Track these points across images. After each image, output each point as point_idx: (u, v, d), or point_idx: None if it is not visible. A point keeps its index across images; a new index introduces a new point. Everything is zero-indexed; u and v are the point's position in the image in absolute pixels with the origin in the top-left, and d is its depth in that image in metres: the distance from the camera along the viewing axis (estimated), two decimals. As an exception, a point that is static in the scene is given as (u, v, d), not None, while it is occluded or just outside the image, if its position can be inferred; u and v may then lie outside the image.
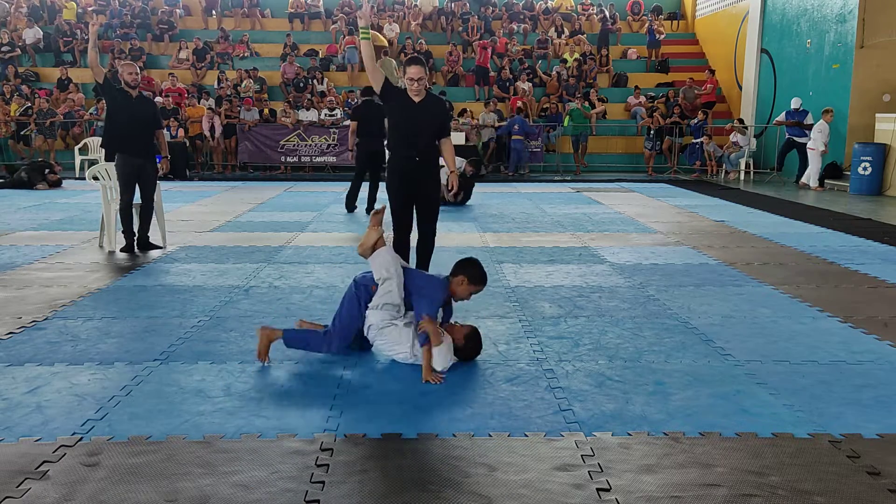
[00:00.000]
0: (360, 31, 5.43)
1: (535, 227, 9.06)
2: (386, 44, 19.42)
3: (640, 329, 4.86)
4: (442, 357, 3.98)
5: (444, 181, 7.05)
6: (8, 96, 17.24)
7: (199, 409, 3.50)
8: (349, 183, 10.58)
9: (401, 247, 5.40)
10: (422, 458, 3.03)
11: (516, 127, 16.20)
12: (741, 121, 16.38)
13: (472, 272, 4.25)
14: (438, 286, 4.23)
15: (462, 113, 17.05)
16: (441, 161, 5.59)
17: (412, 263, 5.46)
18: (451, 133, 15.76)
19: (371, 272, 4.25)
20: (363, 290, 4.24)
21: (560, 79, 18.95)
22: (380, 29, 20.43)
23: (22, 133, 16.47)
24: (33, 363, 4.13)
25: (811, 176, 13.78)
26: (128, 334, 4.67)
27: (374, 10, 21.55)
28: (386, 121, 9.49)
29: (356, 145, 10.04)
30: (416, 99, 5.30)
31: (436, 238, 5.66)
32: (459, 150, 14.35)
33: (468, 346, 4.16)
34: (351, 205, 10.36)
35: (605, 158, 17.76)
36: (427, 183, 5.45)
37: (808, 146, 13.82)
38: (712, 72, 18.77)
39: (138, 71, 7.21)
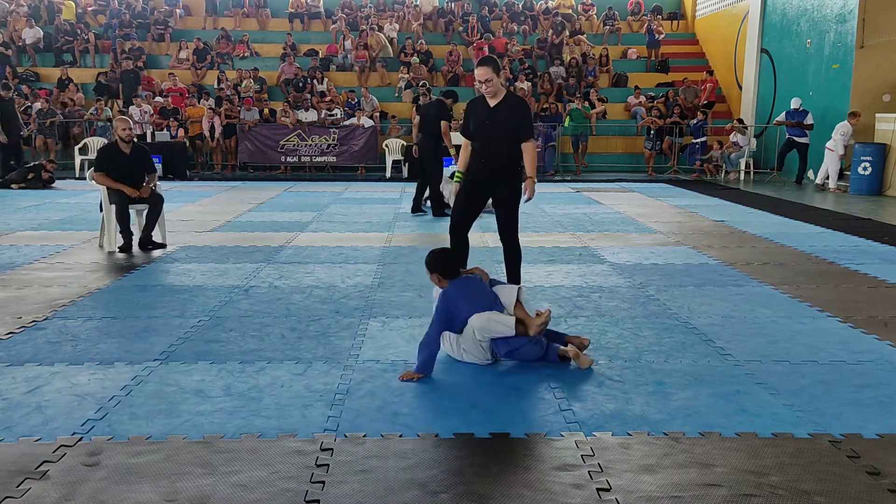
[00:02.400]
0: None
1: (535, 227, 9.06)
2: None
3: (640, 329, 4.86)
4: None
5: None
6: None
7: (199, 409, 3.50)
8: (349, 182, 10.59)
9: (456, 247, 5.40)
10: (422, 458, 3.03)
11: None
12: (741, 121, 16.38)
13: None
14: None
15: None
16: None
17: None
18: (453, 132, 15.84)
19: None
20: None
21: (552, 80, 18.95)
22: (380, 29, 20.44)
23: (22, 133, 16.46)
24: (33, 363, 4.13)
25: (831, 177, 13.60)
26: (128, 334, 4.68)
27: (374, 10, 21.58)
28: (443, 123, 9.79)
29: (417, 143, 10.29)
30: (492, 102, 5.17)
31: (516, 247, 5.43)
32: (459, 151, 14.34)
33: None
34: (417, 206, 10.29)
35: (605, 158, 17.75)
36: (499, 187, 5.25)
37: (826, 146, 13.57)
38: (710, 72, 18.77)
39: (131, 126, 7.46)
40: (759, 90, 17.66)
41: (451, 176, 10.89)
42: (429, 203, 10.44)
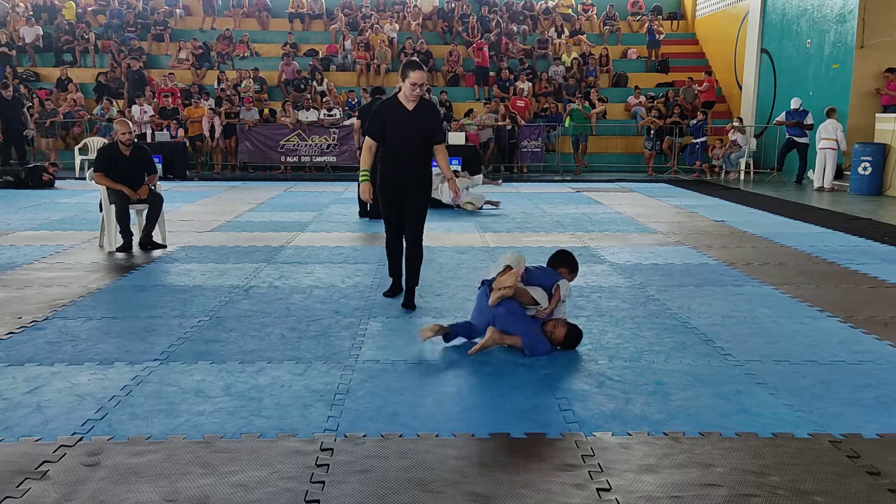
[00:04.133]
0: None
1: (535, 227, 9.06)
2: None
3: (640, 329, 4.86)
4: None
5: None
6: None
7: (199, 409, 3.50)
8: (349, 183, 10.56)
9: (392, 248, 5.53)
10: (422, 458, 3.03)
11: None
12: (740, 119, 16.39)
13: (573, 264, 4.78)
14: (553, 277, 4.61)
15: (468, 113, 17.06)
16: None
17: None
18: (452, 132, 15.76)
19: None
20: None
21: (551, 79, 18.96)
22: (380, 29, 20.44)
23: (25, 133, 16.46)
24: (33, 363, 4.13)
25: (827, 177, 13.61)
26: (128, 334, 4.68)
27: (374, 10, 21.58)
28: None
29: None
30: (410, 106, 5.19)
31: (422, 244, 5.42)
32: (459, 150, 14.34)
33: (567, 342, 4.43)
34: (363, 209, 9.88)
35: (605, 158, 17.76)
36: (413, 188, 5.28)
37: (829, 147, 13.54)
38: (709, 73, 18.77)
39: (132, 129, 7.44)
40: (759, 90, 17.67)
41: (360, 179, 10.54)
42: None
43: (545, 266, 4.76)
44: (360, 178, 5.35)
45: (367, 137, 5.33)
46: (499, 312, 4.38)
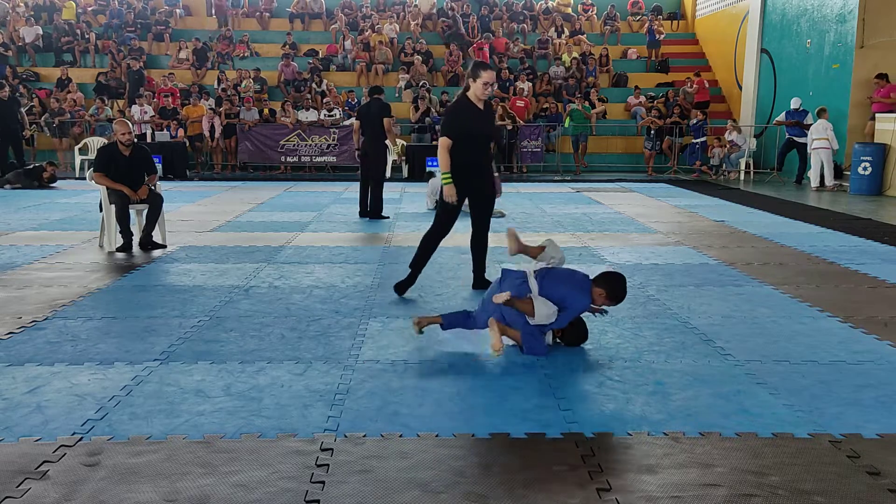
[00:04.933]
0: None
1: (535, 227, 9.06)
2: None
3: (640, 329, 4.86)
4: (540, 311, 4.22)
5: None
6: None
7: (199, 409, 3.50)
8: (349, 183, 10.55)
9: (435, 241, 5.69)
10: (422, 458, 3.03)
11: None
12: (734, 121, 16.43)
13: (613, 288, 4.32)
14: (584, 293, 4.32)
15: None
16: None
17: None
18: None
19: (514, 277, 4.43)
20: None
21: (551, 80, 18.95)
22: (380, 29, 20.44)
23: (24, 134, 16.45)
24: (33, 363, 4.13)
25: (827, 176, 13.61)
26: (128, 334, 4.67)
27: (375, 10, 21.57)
28: (386, 120, 9.50)
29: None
30: (480, 105, 5.41)
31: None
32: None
33: (567, 340, 4.46)
34: (363, 209, 9.90)
35: (605, 158, 17.76)
36: (483, 186, 5.61)
37: (822, 147, 13.54)
38: (697, 74, 18.76)
39: (131, 129, 7.43)
40: (759, 90, 17.67)
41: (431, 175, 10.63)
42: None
43: (584, 276, 4.44)
44: (444, 181, 5.38)
45: (444, 138, 5.38)
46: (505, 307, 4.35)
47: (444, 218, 5.60)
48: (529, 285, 4.31)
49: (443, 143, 5.36)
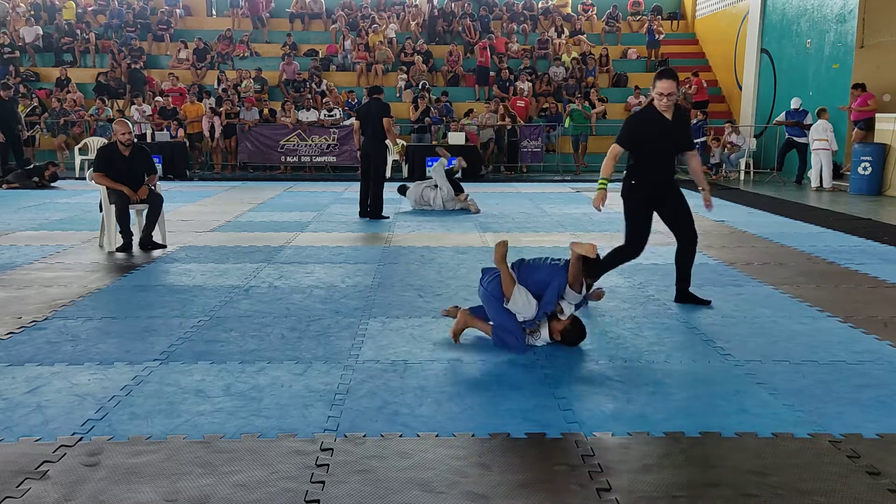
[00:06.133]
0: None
1: (535, 227, 9.06)
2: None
3: (640, 329, 4.86)
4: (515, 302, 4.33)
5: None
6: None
7: (199, 409, 3.50)
8: (349, 183, 10.55)
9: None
10: (422, 458, 3.03)
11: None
12: (731, 122, 16.44)
13: (585, 260, 4.39)
14: (560, 272, 4.43)
15: (468, 113, 17.07)
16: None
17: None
18: (452, 132, 15.68)
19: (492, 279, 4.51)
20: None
21: (551, 80, 18.95)
22: (380, 29, 20.43)
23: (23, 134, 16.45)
24: (33, 363, 4.13)
25: (825, 176, 13.61)
26: (128, 334, 4.67)
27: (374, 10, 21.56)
28: (385, 120, 9.48)
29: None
30: (668, 115, 5.16)
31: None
32: (459, 150, 14.38)
33: (564, 339, 4.42)
34: (363, 209, 9.91)
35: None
36: (673, 192, 5.44)
37: (822, 148, 13.54)
38: (695, 74, 18.75)
39: (131, 129, 7.43)
40: (759, 90, 17.67)
41: (445, 170, 10.58)
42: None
43: (557, 260, 4.60)
44: (599, 186, 5.32)
45: (615, 146, 5.30)
46: (487, 295, 4.44)
47: (630, 232, 5.42)
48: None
49: (611, 149, 5.33)
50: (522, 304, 4.33)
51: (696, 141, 16.55)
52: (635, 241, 5.41)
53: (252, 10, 20.93)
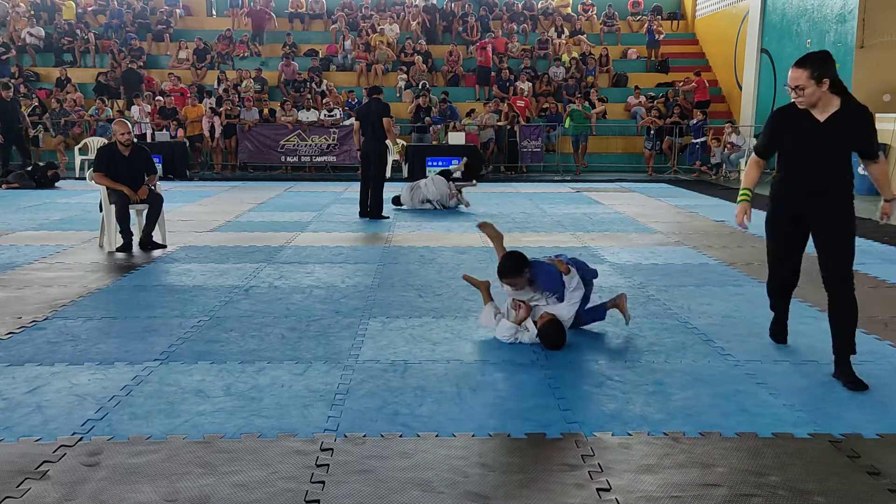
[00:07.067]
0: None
1: (535, 227, 9.06)
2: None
3: (640, 329, 4.86)
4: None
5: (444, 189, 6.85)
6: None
7: (199, 409, 3.50)
8: (349, 183, 10.55)
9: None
10: (422, 458, 3.03)
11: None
12: (731, 123, 16.44)
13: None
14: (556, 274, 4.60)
15: (469, 113, 17.07)
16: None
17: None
18: (452, 132, 15.66)
19: None
20: None
21: (551, 80, 18.95)
22: (380, 28, 20.43)
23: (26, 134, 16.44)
24: (33, 363, 4.13)
25: None
26: (128, 334, 4.68)
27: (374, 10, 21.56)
28: (385, 120, 9.49)
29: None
30: (820, 116, 4.21)
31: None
32: (459, 150, 14.38)
33: (542, 339, 4.47)
34: (363, 209, 9.90)
35: (605, 158, 17.75)
36: (825, 211, 4.10)
37: None
38: (697, 73, 18.76)
39: (130, 129, 7.43)
40: (759, 90, 17.66)
41: (442, 173, 10.60)
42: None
43: (548, 264, 4.66)
44: (740, 198, 4.24)
45: (754, 154, 4.35)
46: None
47: (770, 248, 4.35)
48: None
49: (753, 159, 4.36)
50: (577, 282, 4.55)
51: (695, 141, 16.57)
52: (772, 266, 4.40)
53: (256, 24, 20.90)
